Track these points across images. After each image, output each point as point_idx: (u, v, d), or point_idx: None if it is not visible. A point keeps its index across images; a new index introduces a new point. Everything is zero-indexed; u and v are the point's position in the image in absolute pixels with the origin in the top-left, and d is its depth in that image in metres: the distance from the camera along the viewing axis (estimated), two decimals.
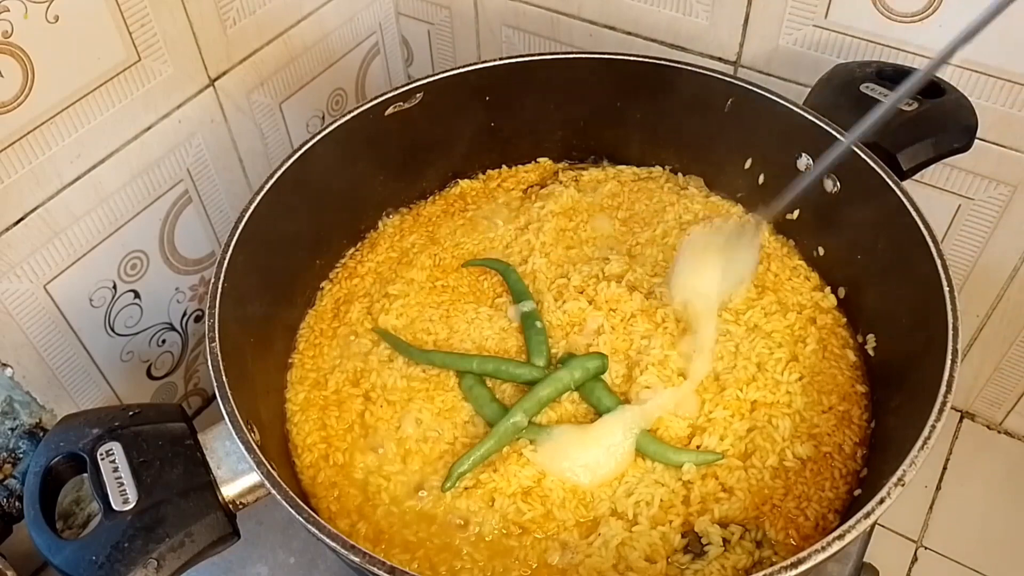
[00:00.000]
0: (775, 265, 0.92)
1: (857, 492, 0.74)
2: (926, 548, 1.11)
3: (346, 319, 0.90)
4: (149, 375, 1.07)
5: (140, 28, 0.86)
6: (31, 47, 0.77)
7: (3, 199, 0.80)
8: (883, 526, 1.12)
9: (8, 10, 0.73)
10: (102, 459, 0.65)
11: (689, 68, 0.92)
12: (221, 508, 0.65)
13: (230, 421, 0.66)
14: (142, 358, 1.05)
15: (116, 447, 0.65)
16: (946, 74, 0.88)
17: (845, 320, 0.87)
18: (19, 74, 0.77)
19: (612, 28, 1.08)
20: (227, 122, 1.02)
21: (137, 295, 1.00)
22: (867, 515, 0.60)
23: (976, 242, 1.01)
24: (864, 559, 0.89)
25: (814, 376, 0.82)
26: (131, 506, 0.62)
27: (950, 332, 0.69)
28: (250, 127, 1.06)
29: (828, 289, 0.89)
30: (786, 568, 0.57)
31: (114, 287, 0.96)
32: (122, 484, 0.64)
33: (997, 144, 0.92)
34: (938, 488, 1.15)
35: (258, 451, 0.64)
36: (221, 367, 0.69)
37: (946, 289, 0.71)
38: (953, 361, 0.67)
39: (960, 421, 1.21)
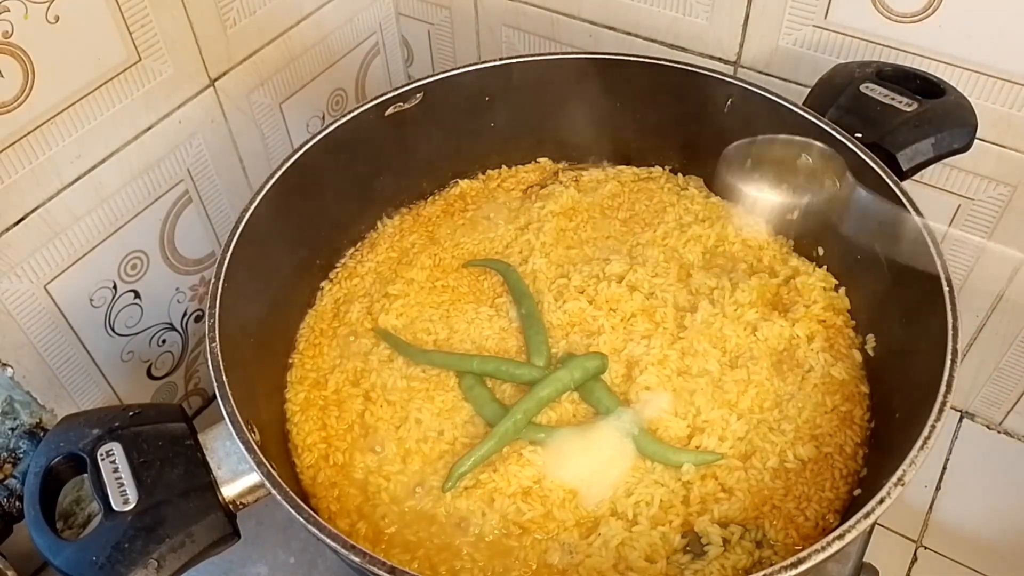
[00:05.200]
0: (793, 263, 0.93)
1: (857, 492, 0.74)
2: (926, 548, 1.11)
3: (346, 319, 0.90)
4: (149, 375, 1.07)
5: (140, 28, 0.86)
6: (31, 47, 0.77)
7: (3, 199, 0.80)
8: (883, 526, 1.12)
9: (8, 10, 0.73)
10: (102, 459, 0.65)
11: (689, 68, 0.92)
12: (221, 508, 0.65)
13: (230, 421, 0.66)
14: (142, 358, 1.05)
15: (116, 447, 0.65)
16: (946, 74, 0.88)
17: (854, 322, 0.87)
18: (19, 74, 0.77)
19: (612, 28, 1.08)
20: (227, 122, 1.02)
21: (137, 295, 1.00)
22: (867, 515, 0.60)
23: (976, 242, 1.01)
24: (864, 559, 0.89)
25: (820, 379, 0.82)
26: (131, 506, 0.62)
27: (950, 332, 0.69)
28: (250, 127, 1.06)
29: (843, 290, 0.89)
30: (786, 568, 0.57)
31: (114, 287, 0.96)
32: (122, 484, 0.63)
33: (997, 144, 0.92)
34: (938, 488, 1.15)
35: (258, 451, 0.64)
36: (221, 367, 0.69)
37: (946, 289, 0.71)
38: (953, 361, 0.67)
39: (960, 421, 1.21)
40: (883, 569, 0.96)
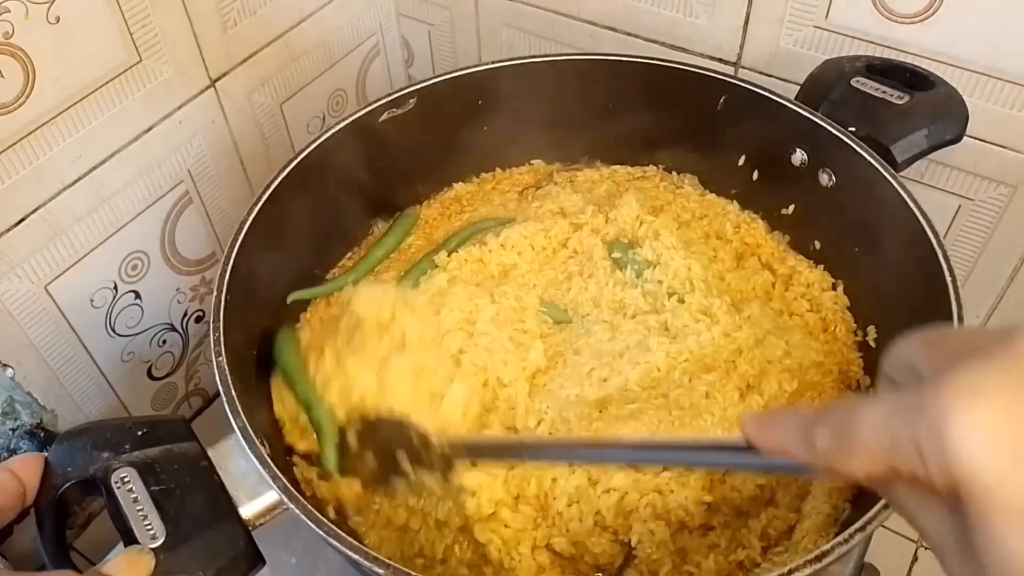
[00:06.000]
0: (791, 262, 0.93)
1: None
2: (926, 548, 1.11)
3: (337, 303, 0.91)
4: (150, 375, 1.07)
5: (141, 29, 0.86)
6: (32, 48, 0.77)
7: (4, 200, 0.80)
8: (884, 526, 1.12)
9: (9, 11, 0.73)
10: (118, 487, 0.62)
11: (681, 67, 0.92)
12: (247, 536, 0.63)
13: (244, 439, 0.65)
14: (143, 359, 1.05)
15: (131, 473, 0.63)
16: (945, 73, 0.88)
17: (854, 315, 0.88)
18: (20, 75, 0.77)
19: (612, 29, 1.08)
20: (228, 123, 1.02)
21: (138, 296, 1.00)
22: (887, 506, 0.61)
23: (976, 242, 1.01)
24: (865, 559, 0.89)
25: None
26: (159, 542, 0.59)
27: (955, 322, 0.69)
28: (251, 128, 1.06)
29: (841, 288, 0.89)
30: (810, 562, 0.57)
31: (115, 288, 0.96)
32: (145, 517, 0.60)
33: (997, 144, 0.92)
34: None
35: (275, 469, 0.63)
36: (230, 382, 0.68)
37: (948, 279, 0.72)
38: None
39: None
40: (884, 569, 0.96)
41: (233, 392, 0.68)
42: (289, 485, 0.63)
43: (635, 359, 0.77)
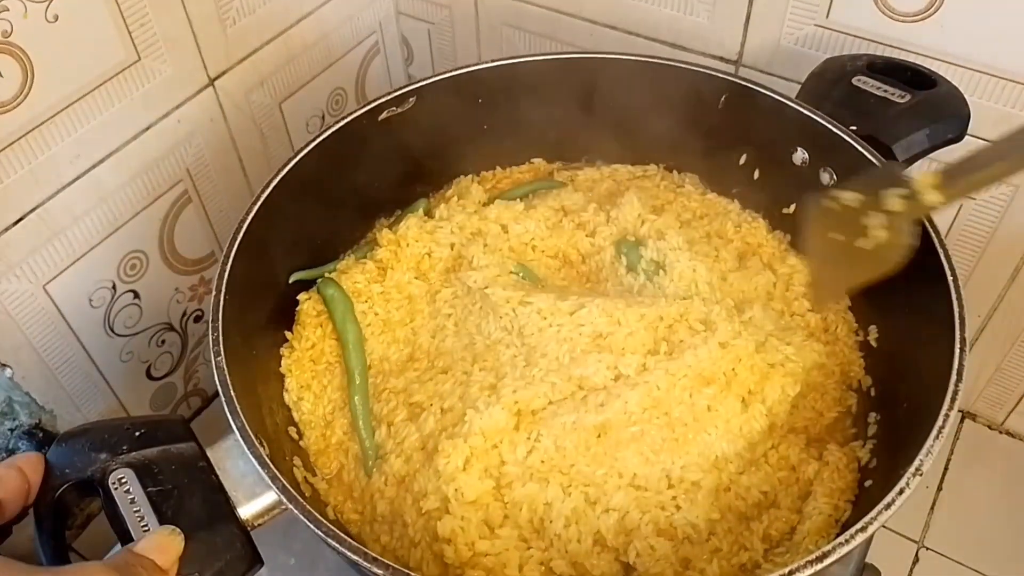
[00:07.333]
0: (792, 261, 0.93)
1: (868, 483, 0.74)
2: (927, 548, 1.11)
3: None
4: (148, 375, 1.07)
5: (140, 28, 0.86)
6: (31, 47, 0.76)
7: (2, 199, 0.80)
8: (885, 526, 1.12)
9: (8, 9, 0.73)
10: (115, 488, 0.62)
11: (682, 65, 0.92)
12: (245, 537, 0.62)
13: (242, 439, 0.65)
14: (141, 358, 1.05)
15: (128, 474, 0.62)
16: (947, 73, 0.88)
17: (855, 315, 0.88)
18: (18, 74, 0.76)
19: (613, 28, 1.08)
20: (227, 122, 1.02)
21: (136, 295, 1.00)
22: (888, 506, 0.60)
23: (977, 242, 1.01)
24: (866, 559, 0.89)
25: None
26: None
27: (957, 321, 0.69)
28: (250, 127, 1.06)
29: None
30: (811, 563, 0.57)
31: (113, 287, 0.96)
32: (142, 518, 0.60)
33: None
34: (939, 488, 1.15)
35: (276, 472, 0.63)
36: (228, 382, 0.68)
37: (950, 279, 0.71)
38: (962, 350, 0.67)
39: (961, 421, 1.21)
40: (885, 570, 0.96)
41: (232, 392, 0.67)
42: (288, 485, 0.63)
43: (633, 381, 0.75)
